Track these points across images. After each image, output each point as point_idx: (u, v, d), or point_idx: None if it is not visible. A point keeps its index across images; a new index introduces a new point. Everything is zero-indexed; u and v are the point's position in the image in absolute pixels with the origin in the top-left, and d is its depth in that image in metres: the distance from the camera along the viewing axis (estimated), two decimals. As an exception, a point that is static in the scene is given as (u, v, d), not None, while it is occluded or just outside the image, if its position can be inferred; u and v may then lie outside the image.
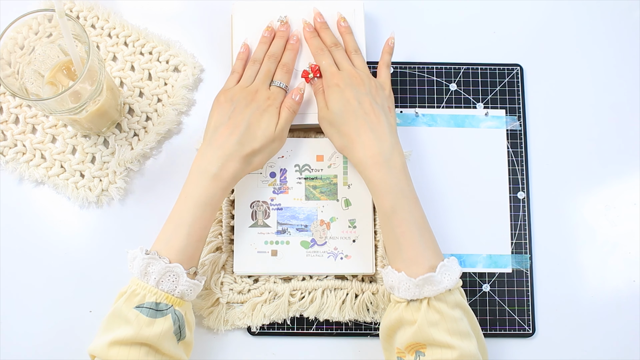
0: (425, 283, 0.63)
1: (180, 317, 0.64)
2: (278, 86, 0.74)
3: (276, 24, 0.78)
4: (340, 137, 0.71)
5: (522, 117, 0.81)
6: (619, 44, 0.84)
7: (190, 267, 0.66)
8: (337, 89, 0.72)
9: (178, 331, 0.64)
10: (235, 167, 0.69)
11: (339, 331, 0.75)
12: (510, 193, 0.79)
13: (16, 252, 0.76)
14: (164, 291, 0.64)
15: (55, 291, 0.75)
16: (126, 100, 0.79)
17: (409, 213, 0.67)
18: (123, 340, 0.61)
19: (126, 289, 0.65)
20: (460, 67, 0.82)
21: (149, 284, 0.64)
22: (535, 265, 0.78)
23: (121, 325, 0.62)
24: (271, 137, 0.71)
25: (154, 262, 0.64)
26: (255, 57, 0.76)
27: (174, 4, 0.84)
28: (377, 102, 0.71)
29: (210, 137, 0.70)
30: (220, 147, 0.69)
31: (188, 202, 0.67)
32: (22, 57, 0.69)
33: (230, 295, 0.74)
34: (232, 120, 0.70)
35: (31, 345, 0.74)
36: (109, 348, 0.61)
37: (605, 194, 0.80)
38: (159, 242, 0.66)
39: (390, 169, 0.67)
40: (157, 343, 0.62)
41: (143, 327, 0.62)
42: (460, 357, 0.61)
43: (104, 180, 0.77)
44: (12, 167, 0.78)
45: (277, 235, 0.75)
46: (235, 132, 0.69)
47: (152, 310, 0.63)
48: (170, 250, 0.65)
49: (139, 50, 0.81)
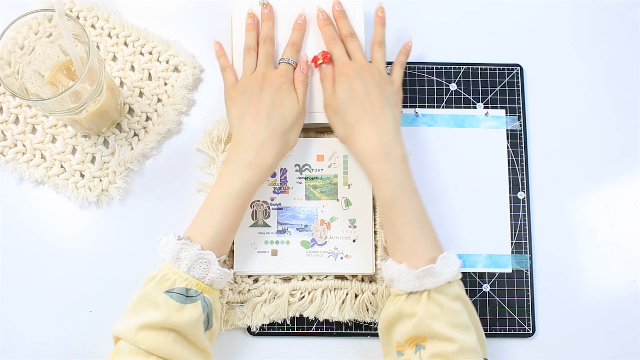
0: (425, 275, 0.64)
1: (209, 305, 0.64)
2: (287, 62, 0.74)
3: (258, 9, 0.77)
4: (344, 125, 0.71)
5: (522, 117, 0.81)
6: (619, 44, 0.84)
7: (221, 255, 0.67)
8: (347, 78, 0.72)
9: (206, 319, 0.64)
10: (273, 151, 0.69)
11: (338, 331, 0.75)
12: (510, 193, 0.79)
13: (16, 252, 0.76)
14: (194, 277, 0.64)
15: (55, 291, 0.75)
16: (126, 100, 0.79)
17: (408, 205, 0.67)
18: (152, 324, 0.61)
19: (156, 273, 0.64)
20: (460, 67, 0.82)
21: (180, 270, 0.63)
22: (535, 265, 0.78)
23: (150, 309, 0.62)
24: (298, 111, 0.72)
25: (186, 248, 0.64)
26: (249, 45, 0.76)
27: (174, 4, 0.84)
28: (384, 95, 0.72)
29: (238, 130, 0.70)
30: (253, 136, 0.69)
31: (222, 190, 0.68)
32: (22, 57, 0.69)
33: (230, 295, 0.74)
34: (253, 107, 0.70)
35: (31, 345, 0.74)
36: (137, 331, 0.60)
37: (605, 194, 0.80)
38: (192, 228, 0.67)
39: (391, 161, 0.68)
40: (186, 330, 0.62)
41: (173, 312, 0.61)
42: (461, 350, 0.61)
43: (104, 180, 0.77)
44: (12, 167, 0.78)
45: (277, 235, 0.75)
46: (261, 116, 0.70)
47: (182, 296, 0.62)
48: (203, 237, 0.65)
49: (139, 50, 0.81)
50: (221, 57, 0.77)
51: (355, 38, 0.76)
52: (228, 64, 0.76)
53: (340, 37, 0.77)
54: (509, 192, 0.79)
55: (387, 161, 0.68)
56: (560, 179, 0.80)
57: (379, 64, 0.75)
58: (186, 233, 0.66)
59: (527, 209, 0.78)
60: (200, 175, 0.78)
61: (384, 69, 0.75)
